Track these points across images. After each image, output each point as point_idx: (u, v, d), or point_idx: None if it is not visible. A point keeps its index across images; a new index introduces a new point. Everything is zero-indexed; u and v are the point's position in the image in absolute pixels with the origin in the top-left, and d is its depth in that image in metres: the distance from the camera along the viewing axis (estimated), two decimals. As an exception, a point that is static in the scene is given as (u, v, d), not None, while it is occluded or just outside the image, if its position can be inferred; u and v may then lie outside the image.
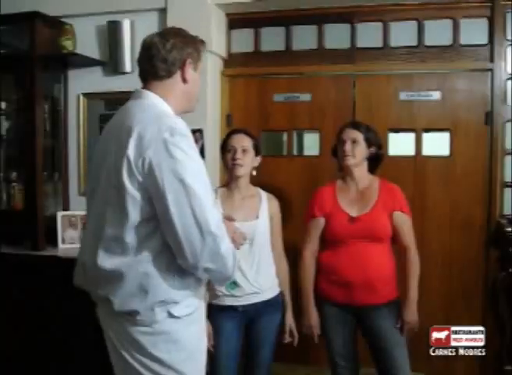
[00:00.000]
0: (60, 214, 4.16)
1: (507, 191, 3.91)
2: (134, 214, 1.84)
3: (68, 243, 4.11)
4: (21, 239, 4.03)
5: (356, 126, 3.01)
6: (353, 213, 2.91)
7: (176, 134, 1.82)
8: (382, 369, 2.97)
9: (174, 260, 1.88)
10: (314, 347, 3.36)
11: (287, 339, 3.06)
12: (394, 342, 2.90)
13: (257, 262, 2.88)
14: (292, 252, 3.25)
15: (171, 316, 1.93)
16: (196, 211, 1.78)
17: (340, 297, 2.92)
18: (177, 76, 2.07)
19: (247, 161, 2.92)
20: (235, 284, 2.84)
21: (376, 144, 3.02)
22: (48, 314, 3.77)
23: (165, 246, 1.88)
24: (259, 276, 2.87)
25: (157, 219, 1.85)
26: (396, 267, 2.98)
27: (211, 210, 1.82)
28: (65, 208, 4.34)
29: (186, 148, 1.83)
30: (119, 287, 1.90)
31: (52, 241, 4.09)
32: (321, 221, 2.98)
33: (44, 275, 3.79)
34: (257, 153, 2.99)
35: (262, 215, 2.95)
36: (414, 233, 3.00)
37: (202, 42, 2.21)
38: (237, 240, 2.04)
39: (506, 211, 3.90)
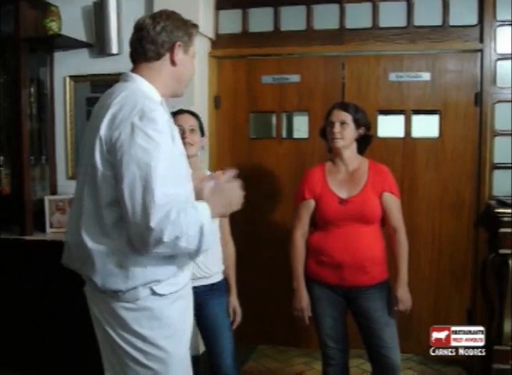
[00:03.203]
0: (48, 198, 4.13)
1: (497, 172, 3.91)
2: (106, 193, 1.86)
3: (56, 227, 4.09)
4: (9, 224, 4.00)
5: (344, 107, 2.99)
6: (343, 195, 2.90)
7: (144, 118, 1.82)
8: (372, 350, 2.98)
9: None
10: (305, 329, 3.37)
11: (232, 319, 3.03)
12: (384, 323, 2.91)
13: None
14: (282, 234, 3.24)
15: (154, 293, 1.93)
16: (145, 200, 1.76)
17: (330, 278, 2.92)
18: (166, 58, 2.07)
19: (196, 140, 2.91)
20: None
21: (365, 125, 3.01)
22: (36, 298, 3.75)
23: None
24: (208, 261, 2.84)
25: None
26: (385, 248, 2.97)
27: (162, 202, 1.76)
28: (53, 192, 4.30)
29: (153, 133, 1.81)
30: (100, 267, 1.90)
31: (40, 225, 4.06)
32: (311, 203, 2.97)
33: (33, 259, 3.77)
34: (202, 134, 2.99)
35: None
36: (402, 214, 2.99)
37: (194, 26, 2.19)
38: (231, 205, 2.05)
39: (496, 192, 3.91)
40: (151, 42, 2.04)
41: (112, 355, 2.05)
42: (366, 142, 3.06)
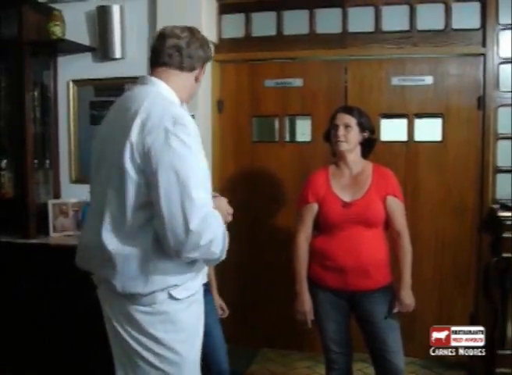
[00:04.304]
0: (51, 202, 4.14)
1: (500, 175, 3.91)
2: (134, 197, 1.88)
3: (59, 231, 4.09)
4: (12, 227, 4.00)
5: (349, 110, 3.00)
6: (347, 198, 2.90)
7: (177, 124, 1.86)
8: (376, 354, 2.97)
9: None
10: (308, 332, 3.37)
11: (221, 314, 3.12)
12: (387, 327, 2.91)
13: None
14: (285, 238, 3.23)
15: (171, 297, 1.96)
16: (184, 204, 1.80)
17: (334, 282, 2.92)
18: (194, 73, 2.17)
19: None
20: None
21: (369, 128, 3.01)
22: (39, 301, 3.75)
23: None
24: None
25: None
26: (389, 252, 2.97)
27: (200, 205, 1.82)
28: (56, 196, 4.31)
29: (186, 138, 1.86)
30: (121, 270, 1.92)
31: (44, 229, 4.07)
32: (315, 207, 2.97)
33: (36, 263, 3.78)
34: None
35: None
36: (406, 218, 2.99)
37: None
38: (225, 218, 2.05)
39: (499, 196, 3.91)
40: (188, 55, 2.11)
41: (124, 356, 2.07)
42: (370, 146, 3.07)
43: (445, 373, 3.95)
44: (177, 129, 1.85)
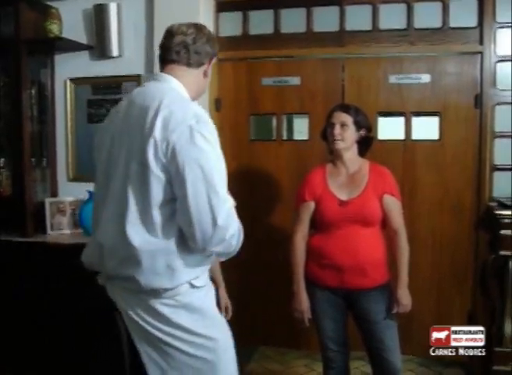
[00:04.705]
0: (48, 200, 4.13)
1: (497, 174, 3.92)
2: (158, 194, 1.91)
3: (56, 229, 4.09)
4: (9, 226, 3.99)
5: (345, 109, 2.99)
6: (343, 197, 2.90)
7: (200, 121, 1.90)
8: (373, 352, 2.98)
9: None
10: (305, 331, 3.37)
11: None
12: (384, 325, 2.91)
13: None
14: (282, 236, 3.23)
15: (192, 286, 2.00)
16: (211, 199, 1.85)
17: (331, 280, 2.92)
18: (202, 68, 2.21)
19: None
20: None
21: (366, 127, 3.01)
22: (37, 299, 3.75)
23: None
24: None
25: None
26: (386, 251, 2.97)
27: (224, 200, 1.89)
28: (54, 194, 4.31)
29: (209, 135, 1.91)
30: (147, 266, 1.94)
31: (41, 227, 4.07)
32: (312, 205, 2.97)
33: (33, 261, 3.78)
34: None
35: None
36: (403, 216, 2.99)
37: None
38: None
39: (496, 194, 3.91)
40: (195, 51, 2.15)
41: (154, 351, 2.07)
42: (367, 144, 3.06)
43: (443, 371, 3.96)
44: (200, 126, 1.89)
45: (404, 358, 4.00)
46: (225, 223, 1.86)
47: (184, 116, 1.89)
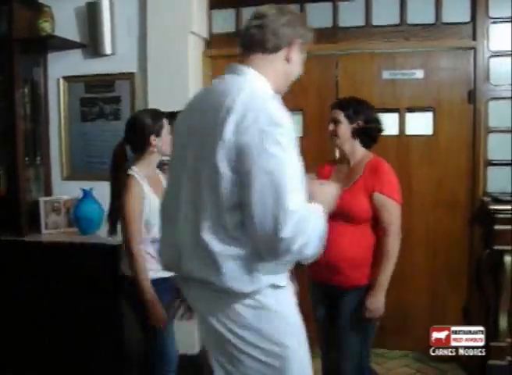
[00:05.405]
0: (42, 199, 4.13)
1: (491, 169, 3.92)
2: (229, 197, 1.79)
3: (51, 228, 4.08)
4: (4, 225, 3.98)
5: (336, 104, 2.95)
6: None
7: (273, 124, 1.77)
8: (325, 351, 2.98)
9: None
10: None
11: None
12: (346, 330, 2.82)
13: None
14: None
15: (274, 287, 1.91)
16: (277, 210, 1.70)
17: (314, 274, 2.90)
18: (282, 53, 2.03)
19: None
20: None
21: (363, 118, 2.91)
22: (32, 298, 3.76)
23: None
24: None
25: None
26: (372, 252, 2.84)
27: (293, 210, 1.71)
28: (48, 193, 4.30)
29: (282, 139, 1.76)
30: (226, 270, 1.83)
31: (36, 226, 4.06)
32: None
33: (28, 260, 3.78)
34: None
35: None
36: (397, 216, 2.86)
37: (312, 31, 2.14)
38: (328, 206, 2.03)
39: (490, 189, 3.92)
40: (273, 33, 1.99)
41: (222, 355, 1.99)
42: (369, 135, 2.95)
43: (438, 365, 3.95)
44: (273, 129, 1.75)
45: (400, 353, 4.03)
46: (290, 235, 1.69)
47: (256, 118, 1.76)
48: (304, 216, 1.74)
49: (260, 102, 1.84)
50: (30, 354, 3.83)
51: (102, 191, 3.15)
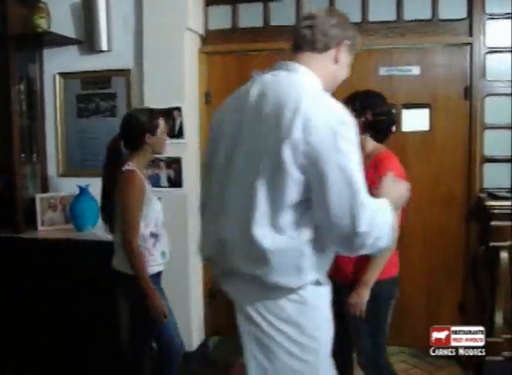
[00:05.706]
0: (39, 196, 4.12)
1: (487, 165, 3.93)
2: (292, 195, 1.82)
3: (47, 225, 4.08)
4: (0, 222, 3.98)
5: (345, 100, 2.88)
6: None
7: (343, 124, 1.80)
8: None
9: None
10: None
11: None
12: (356, 324, 2.83)
13: None
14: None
15: (318, 283, 1.97)
16: (354, 207, 1.75)
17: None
18: (331, 53, 2.07)
19: None
20: (164, 254, 3.06)
21: (372, 111, 2.90)
22: (29, 296, 3.76)
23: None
24: None
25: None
26: None
27: (366, 205, 1.78)
28: (44, 190, 4.29)
29: (352, 137, 1.81)
30: (275, 266, 1.87)
31: (32, 223, 4.06)
32: None
33: (25, 257, 3.78)
34: None
35: None
36: (402, 215, 2.85)
37: (358, 36, 2.18)
38: (397, 203, 2.09)
39: (486, 185, 3.93)
40: (323, 33, 2.03)
41: (260, 351, 2.01)
42: (377, 128, 2.94)
43: (435, 361, 3.96)
44: (343, 129, 1.79)
45: (397, 349, 4.03)
46: (365, 230, 1.75)
47: (326, 118, 1.79)
48: (375, 210, 1.80)
49: (324, 101, 1.87)
50: (30, 354, 3.84)
51: (98, 187, 3.15)
